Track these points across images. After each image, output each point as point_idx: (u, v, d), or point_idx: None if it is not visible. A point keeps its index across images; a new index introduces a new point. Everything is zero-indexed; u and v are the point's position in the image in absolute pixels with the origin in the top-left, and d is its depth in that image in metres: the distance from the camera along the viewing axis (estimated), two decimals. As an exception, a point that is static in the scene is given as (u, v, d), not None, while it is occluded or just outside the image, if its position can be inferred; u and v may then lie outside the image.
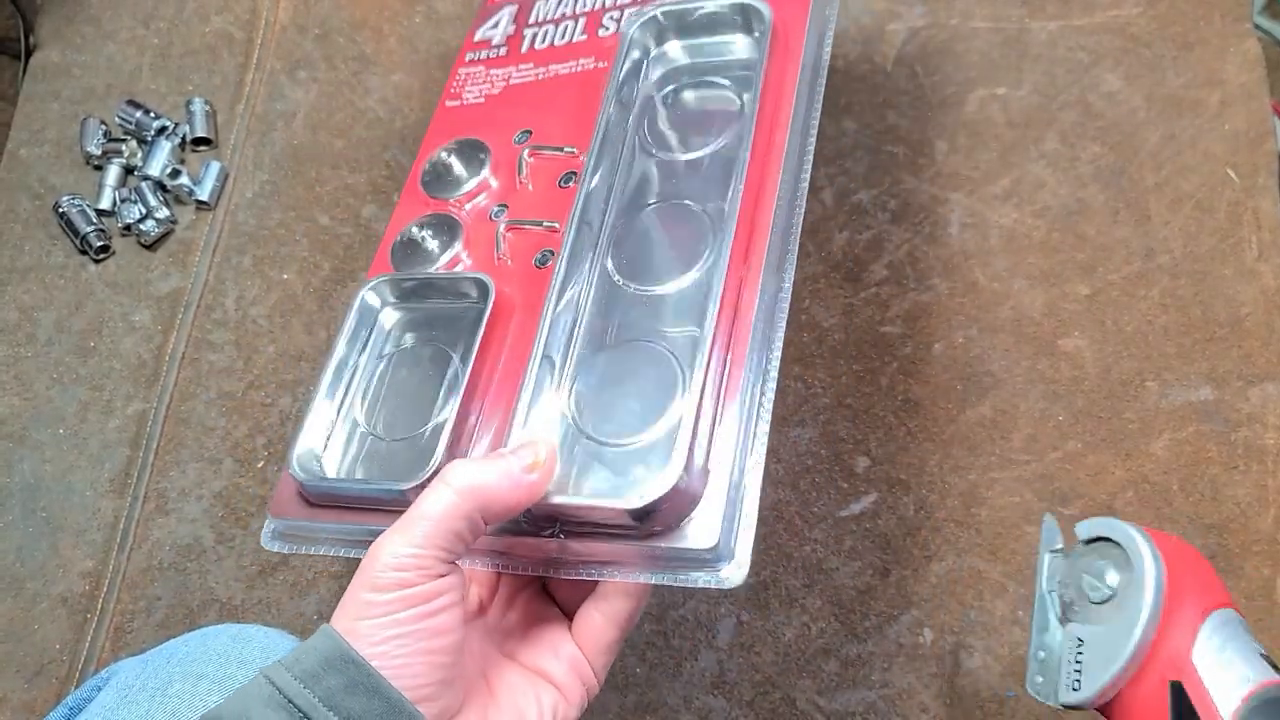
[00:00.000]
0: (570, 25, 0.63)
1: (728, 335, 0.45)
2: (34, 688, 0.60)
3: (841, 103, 0.73)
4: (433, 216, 0.57)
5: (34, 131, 0.77)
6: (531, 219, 0.54)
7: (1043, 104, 0.72)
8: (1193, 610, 0.41)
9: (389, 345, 0.54)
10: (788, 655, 0.58)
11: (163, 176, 0.73)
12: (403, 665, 0.36)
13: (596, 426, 0.46)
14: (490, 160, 0.58)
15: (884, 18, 0.76)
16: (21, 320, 0.71)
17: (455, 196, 0.57)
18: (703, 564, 0.42)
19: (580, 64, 0.60)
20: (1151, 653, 0.40)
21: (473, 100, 0.62)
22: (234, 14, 0.81)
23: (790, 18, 0.55)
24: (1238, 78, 0.71)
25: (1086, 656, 0.43)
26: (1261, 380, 0.62)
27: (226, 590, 0.63)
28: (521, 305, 0.51)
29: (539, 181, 0.56)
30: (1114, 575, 0.43)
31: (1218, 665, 0.40)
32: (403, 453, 0.49)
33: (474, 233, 0.56)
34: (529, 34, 0.64)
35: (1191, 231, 0.67)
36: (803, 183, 0.50)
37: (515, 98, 0.61)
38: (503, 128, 0.59)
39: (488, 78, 0.63)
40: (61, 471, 0.66)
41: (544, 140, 0.57)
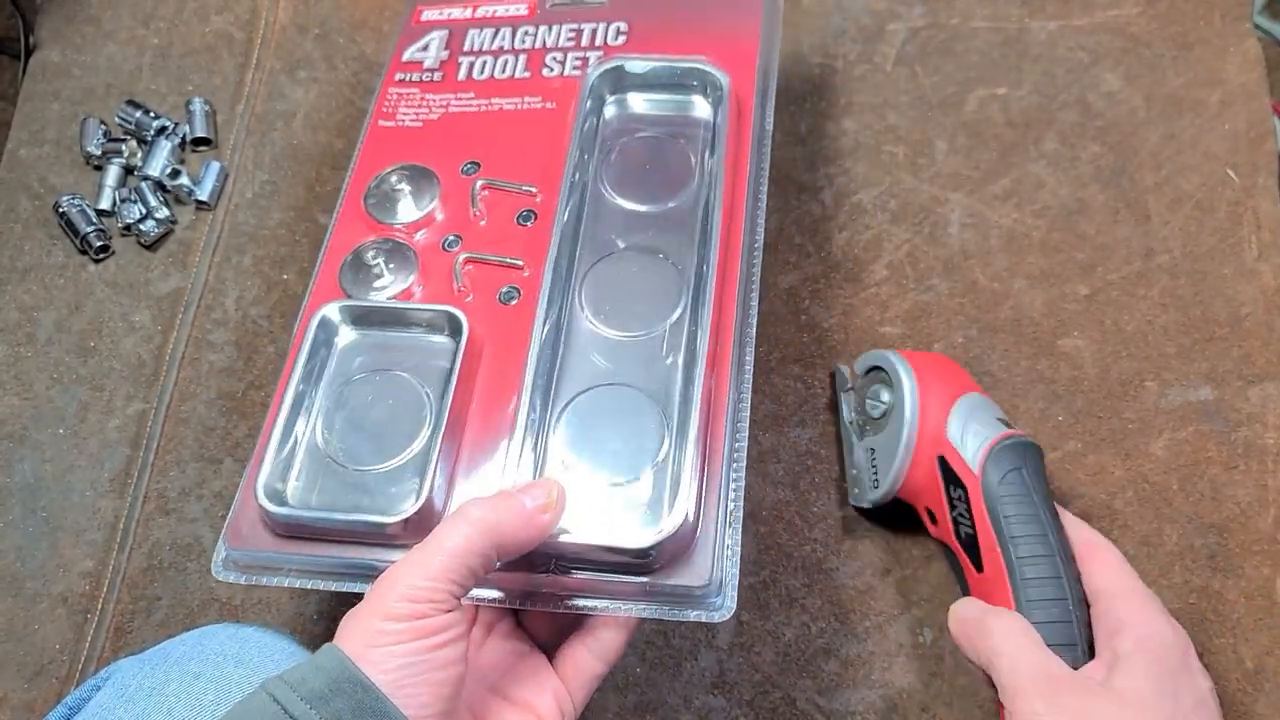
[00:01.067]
0: (510, 61, 0.63)
1: (708, 388, 0.48)
2: (34, 688, 0.60)
3: (841, 103, 0.73)
4: (385, 242, 0.56)
5: (34, 131, 0.77)
6: (492, 254, 0.54)
7: (1042, 104, 0.72)
8: (941, 402, 0.54)
9: (350, 373, 0.52)
10: (788, 655, 0.58)
11: (162, 176, 0.73)
12: (410, 695, 0.37)
13: (585, 469, 0.47)
14: (439, 189, 0.57)
15: (884, 18, 0.76)
16: (21, 320, 0.71)
17: (403, 223, 0.57)
18: (695, 600, 0.45)
19: (526, 101, 0.61)
20: (919, 442, 0.54)
21: (409, 123, 0.62)
22: (234, 14, 0.81)
23: (739, 85, 0.59)
24: (1238, 77, 0.71)
25: (879, 460, 0.57)
26: (1261, 380, 0.62)
27: (226, 590, 0.63)
28: (490, 341, 0.52)
29: (495, 216, 0.56)
30: (886, 394, 0.57)
31: (965, 434, 0.53)
32: (372, 484, 0.49)
33: (428, 263, 0.55)
34: (465, 62, 0.64)
35: (1191, 231, 0.67)
36: (758, 236, 0.54)
37: (457, 126, 0.61)
38: (447, 156, 0.59)
39: (424, 102, 0.63)
40: (61, 471, 0.66)
41: (494, 175, 0.57)
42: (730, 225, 0.53)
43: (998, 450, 0.52)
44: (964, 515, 0.52)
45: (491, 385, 0.50)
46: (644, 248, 0.54)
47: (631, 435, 0.48)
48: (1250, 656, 0.56)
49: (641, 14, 0.63)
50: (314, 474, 0.49)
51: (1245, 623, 0.57)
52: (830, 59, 0.75)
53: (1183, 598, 0.58)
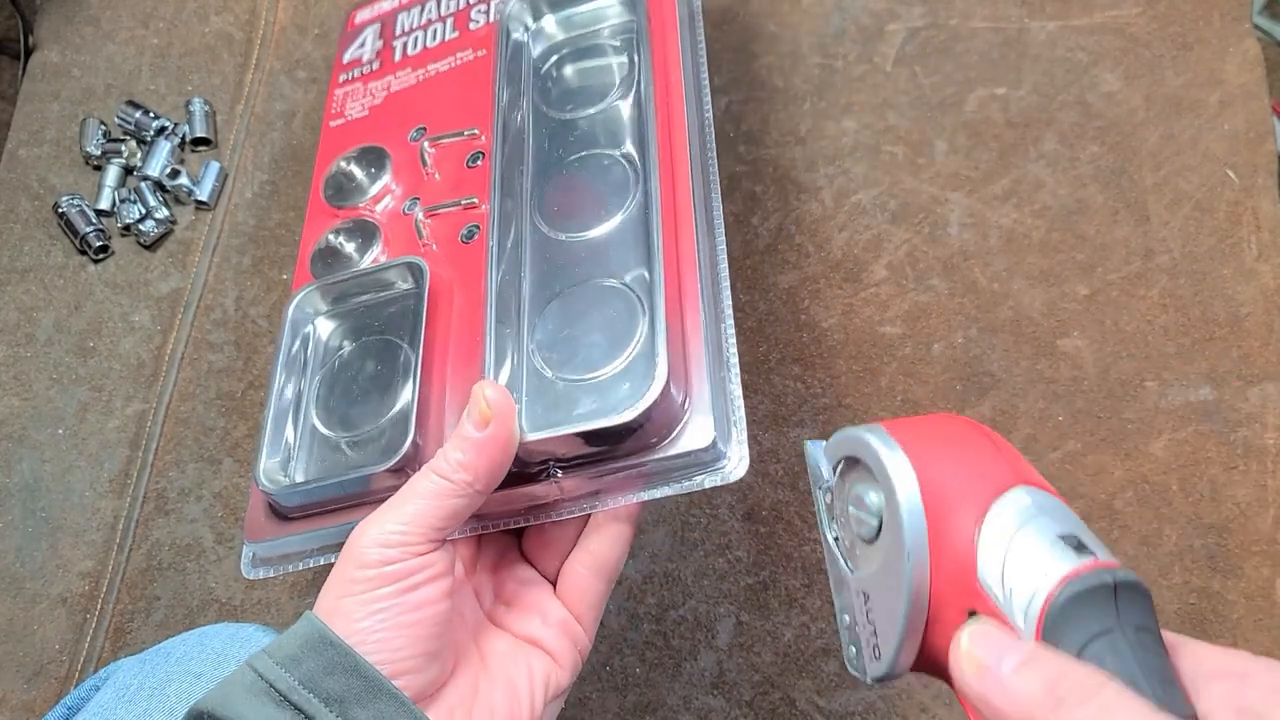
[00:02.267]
0: (439, 27, 0.64)
1: (675, 257, 0.46)
2: (33, 688, 0.60)
3: (841, 103, 0.73)
4: (347, 222, 0.57)
5: (33, 132, 0.77)
6: (448, 201, 0.55)
7: (1042, 104, 0.72)
8: (966, 508, 0.30)
9: (332, 352, 0.53)
10: (787, 655, 0.58)
11: (162, 177, 0.73)
12: (382, 640, 0.37)
13: (568, 368, 0.47)
14: (391, 162, 0.59)
15: (883, 18, 0.76)
16: (21, 320, 0.71)
17: (363, 202, 0.58)
18: (703, 465, 0.43)
19: (459, 57, 0.62)
20: (934, 589, 0.30)
21: (357, 115, 0.63)
22: (233, 14, 0.81)
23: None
24: (1237, 78, 0.70)
25: (876, 615, 0.33)
26: (1261, 380, 0.62)
27: (226, 590, 0.63)
28: (458, 282, 0.52)
29: (445, 168, 0.57)
30: (874, 496, 0.32)
31: (1008, 569, 0.29)
32: (370, 446, 0.49)
33: (392, 230, 0.56)
34: (398, 44, 0.66)
35: (1191, 231, 0.67)
36: (706, 114, 0.53)
37: (400, 101, 0.62)
38: (395, 130, 0.60)
39: (367, 92, 0.64)
40: (61, 472, 0.66)
41: (440, 129, 0.58)
42: (669, 108, 0.52)
43: (1067, 601, 0.28)
44: None
45: (469, 322, 0.50)
46: (588, 153, 0.54)
47: (607, 325, 0.47)
48: (1250, 656, 0.56)
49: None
50: (312, 452, 0.50)
51: (1245, 623, 0.57)
52: (830, 59, 0.75)
53: (1182, 598, 0.58)
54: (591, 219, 0.51)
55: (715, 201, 0.50)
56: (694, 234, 0.47)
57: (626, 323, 0.47)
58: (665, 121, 0.51)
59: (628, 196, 0.51)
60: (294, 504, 0.47)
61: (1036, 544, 0.29)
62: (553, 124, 0.56)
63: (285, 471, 0.49)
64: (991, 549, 0.29)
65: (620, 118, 0.54)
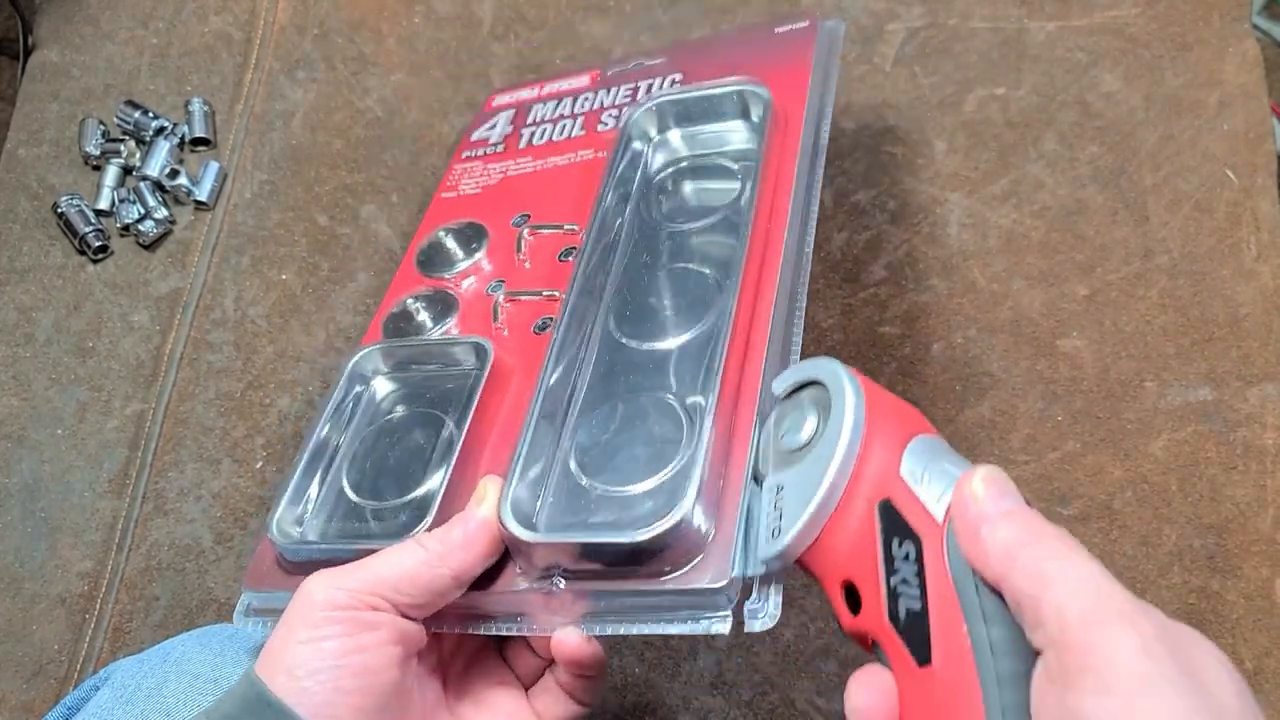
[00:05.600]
0: (569, 123, 0.65)
1: (735, 386, 0.44)
2: (32, 688, 0.60)
3: (840, 103, 0.73)
4: (427, 290, 0.57)
5: (33, 132, 0.77)
6: (530, 290, 0.54)
7: (1041, 104, 0.72)
8: (895, 436, 0.36)
9: (380, 415, 0.52)
10: (786, 656, 0.58)
11: (161, 177, 0.73)
12: (324, 703, 0.36)
13: (601, 475, 0.45)
14: (488, 241, 0.59)
15: (883, 18, 0.76)
16: (20, 320, 0.71)
17: (450, 275, 0.58)
18: (715, 608, 0.40)
19: (579, 155, 0.62)
20: (855, 478, 0.36)
21: (469, 192, 0.64)
22: (233, 14, 0.81)
23: (789, 101, 0.56)
24: (1236, 78, 0.70)
25: (786, 501, 0.38)
26: (1260, 380, 0.62)
27: (225, 590, 0.63)
28: (520, 370, 0.51)
29: (538, 258, 0.57)
30: (812, 421, 0.38)
31: (929, 472, 0.35)
32: (392, 519, 0.48)
33: (470, 307, 0.56)
34: (526, 132, 0.66)
35: (1190, 232, 0.67)
36: (807, 246, 0.51)
37: (513, 186, 0.62)
38: (501, 213, 0.60)
39: (484, 171, 0.65)
40: (60, 472, 0.66)
41: (543, 219, 0.58)
42: (768, 235, 0.50)
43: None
44: (910, 583, 0.34)
45: (520, 412, 0.48)
46: (674, 266, 0.52)
47: (652, 441, 0.45)
48: (1249, 657, 0.56)
49: (696, 64, 0.63)
50: (333, 511, 0.49)
51: (1244, 623, 0.57)
52: (829, 59, 0.75)
53: (1182, 598, 0.58)
54: (662, 331, 0.50)
55: (796, 335, 0.47)
56: (762, 365, 0.45)
57: (671, 442, 0.44)
58: (760, 250, 0.49)
59: (703, 316, 0.49)
60: (300, 560, 0.46)
61: (954, 460, 0.35)
62: (649, 233, 0.55)
63: (300, 524, 0.48)
64: (914, 458, 0.36)
65: (717, 239, 0.53)
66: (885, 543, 0.35)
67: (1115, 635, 0.27)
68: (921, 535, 0.34)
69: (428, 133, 0.77)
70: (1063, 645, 0.28)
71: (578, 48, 0.77)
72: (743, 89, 0.57)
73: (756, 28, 0.65)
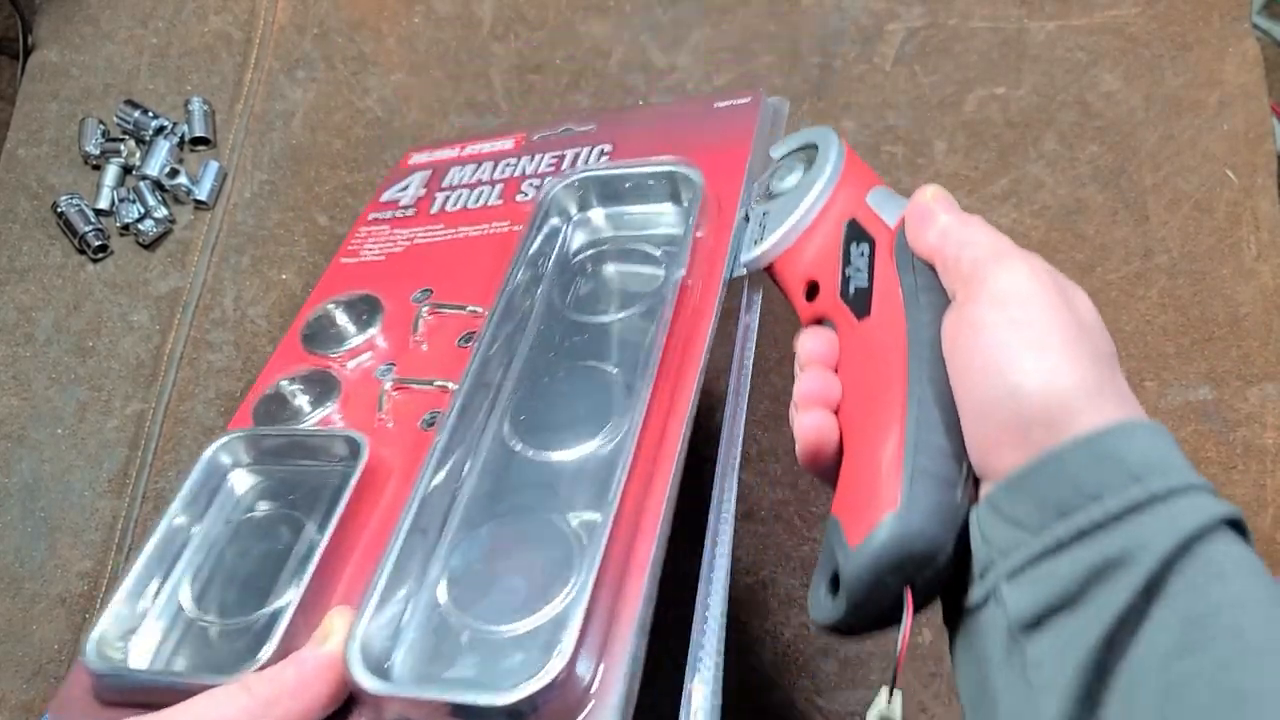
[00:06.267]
0: (487, 190, 0.60)
1: (635, 509, 0.39)
2: (32, 688, 0.60)
3: (840, 103, 0.73)
4: (307, 371, 0.52)
5: (32, 131, 0.77)
6: (422, 378, 0.49)
7: (1041, 104, 0.72)
8: (865, 182, 0.46)
9: (237, 513, 0.46)
10: (786, 655, 0.58)
11: (161, 176, 0.73)
12: None
13: (472, 611, 0.39)
14: (383, 317, 0.53)
15: (883, 18, 0.76)
16: (20, 320, 0.71)
17: (337, 353, 0.52)
18: None
19: (493, 227, 0.57)
20: (828, 205, 0.45)
21: (371, 258, 0.59)
22: (232, 14, 0.81)
23: (724, 185, 0.51)
24: (1236, 78, 0.71)
25: (770, 217, 0.46)
26: (1260, 380, 0.62)
27: (225, 590, 0.63)
28: (401, 471, 0.45)
29: (436, 341, 0.51)
30: (800, 168, 0.47)
31: (887, 203, 0.44)
32: (234, 641, 0.41)
33: (354, 391, 0.50)
34: (440, 197, 0.61)
35: (1190, 231, 0.67)
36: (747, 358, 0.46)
37: (420, 256, 0.57)
38: (402, 285, 0.55)
39: (390, 237, 0.60)
40: (60, 472, 0.66)
41: (446, 298, 0.53)
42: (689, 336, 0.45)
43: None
44: (860, 270, 0.43)
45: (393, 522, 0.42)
46: (584, 364, 0.47)
47: (535, 572, 0.39)
48: (1249, 656, 0.56)
49: (628, 136, 0.58)
50: (169, 628, 0.42)
51: (1244, 623, 0.57)
52: (829, 59, 0.75)
53: (1181, 598, 0.58)
54: (561, 439, 0.43)
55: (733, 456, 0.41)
56: (669, 483, 0.39)
57: (557, 576, 0.38)
58: (678, 352, 0.44)
59: (606, 425, 0.43)
60: (119, 690, 0.39)
61: (900, 200, 0.44)
62: (559, 322, 0.50)
63: (125, 644, 0.41)
64: (878, 195, 0.45)
65: (632, 336, 0.48)
66: (845, 246, 0.44)
67: (1009, 264, 0.36)
68: (875, 236, 0.43)
69: (428, 133, 0.77)
70: (969, 277, 0.37)
71: (578, 48, 0.77)
72: (674, 170, 0.51)
73: (695, 100, 0.61)
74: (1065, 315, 0.35)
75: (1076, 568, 0.30)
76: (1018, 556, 0.32)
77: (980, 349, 0.35)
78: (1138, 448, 0.32)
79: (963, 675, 0.34)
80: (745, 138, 0.53)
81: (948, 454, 0.35)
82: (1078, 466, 0.32)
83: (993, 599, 0.33)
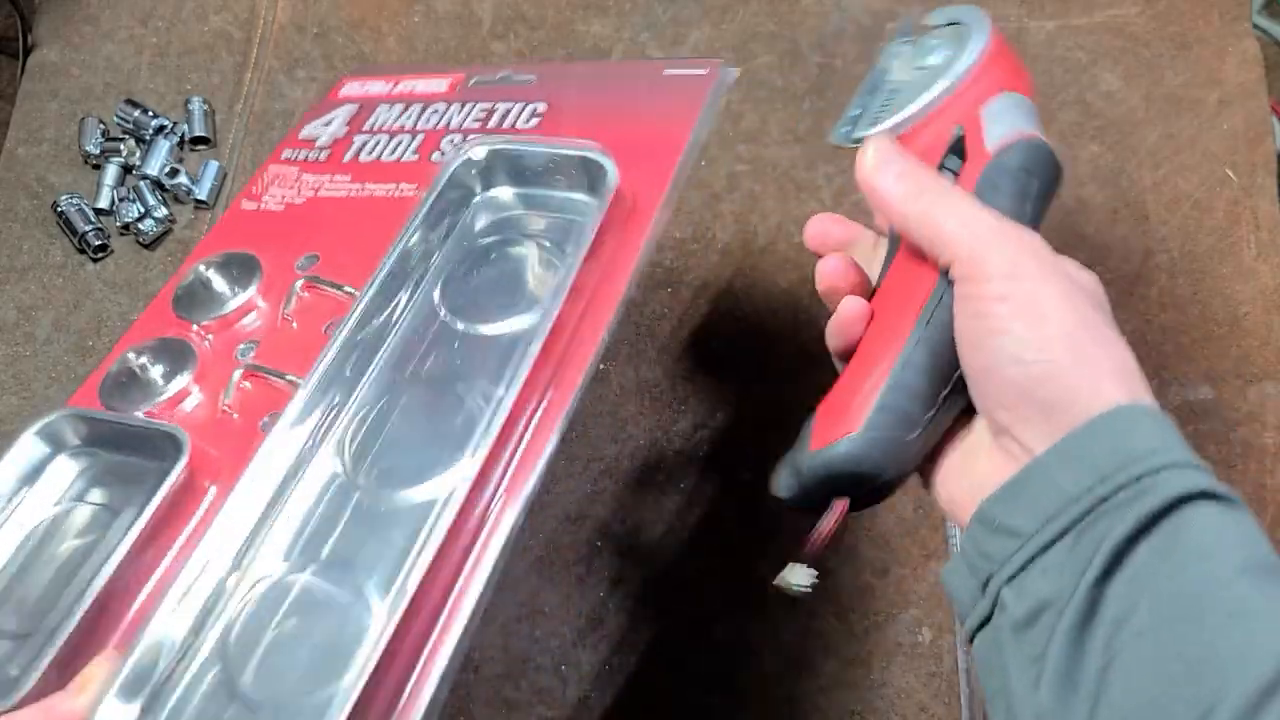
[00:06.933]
0: (406, 140, 0.54)
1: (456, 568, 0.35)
2: (33, 687, 0.60)
3: (841, 102, 0.73)
4: (161, 341, 0.47)
5: (32, 130, 0.77)
6: (277, 369, 0.44)
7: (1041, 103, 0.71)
8: (994, 81, 0.43)
9: (46, 507, 0.42)
10: (787, 655, 0.58)
11: (161, 176, 0.73)
12: None
13: (254, 672, 0.35)
14: (259, 284, 0.48)
15: (884, 17, 0.76)
16: (20, 319, 0.71)
17: (205, 320, 0.48)
18: None
19: (400, 189, 0.52)
20: (951, 98, 0.43)
21: (271, 206, 0.54)
22: (232, 13, 0.81)
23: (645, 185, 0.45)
24: (1236, 77, 0.71)
25: (896, 101, 0.45)
26: (1260, 379, 0.62)
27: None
28: (231, 474, 0.40)
29: (306, 321, 0.46)
30: (948, 49, 0.45)
31: (1001, 116, 0.42)
32: (18, 659, 0.36)
33: (212, 368, 0.46)
34: (358, 141, 0.56)
35: (1190, 231, 0.67)
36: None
37: (316, 213, 0.52)
38: (289, 246, 0.50)
39: (296, 182, 0.55)
40: (60, 471, 0.66)
41: (332, 270, 0.47)
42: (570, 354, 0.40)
43: (1024, 144, 0.42)
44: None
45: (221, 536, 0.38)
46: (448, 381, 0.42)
47: (331, 634, 0.35)
48: (1248, 655, 0.56)
49: (566, 96, 0.53)
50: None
51: (1243, 622, 0.57)
52: (829, 58, 0.75)
53: (1181, 597, 0.58)
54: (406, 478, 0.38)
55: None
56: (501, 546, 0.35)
57: (350, 641, 0.34)
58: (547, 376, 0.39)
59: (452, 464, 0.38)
60: None
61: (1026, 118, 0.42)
62: (428, 328, 0.44)
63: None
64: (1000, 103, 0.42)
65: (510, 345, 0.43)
66: (945, 155, 0.42)
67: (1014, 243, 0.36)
68: (969, 157, 0.41)
69: (428, 132, 0.77)
70: (968, 258, 0.36)
71: (578, 47, 0.77)
72: (586, 156, 0.46)
73: (646, 64, 0.56)
74: (1068, 285, 0.37)
75: (1062, 556, 0.31)
76: (1014, 563, 0.33)
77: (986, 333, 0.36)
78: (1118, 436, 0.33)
79: (990, 695, 0.34)
80: (689, 115, 0.48)
81: (920, 396, 0.38)
82: (1061, 468, 0.33)
83: (997, 608, 0.33)
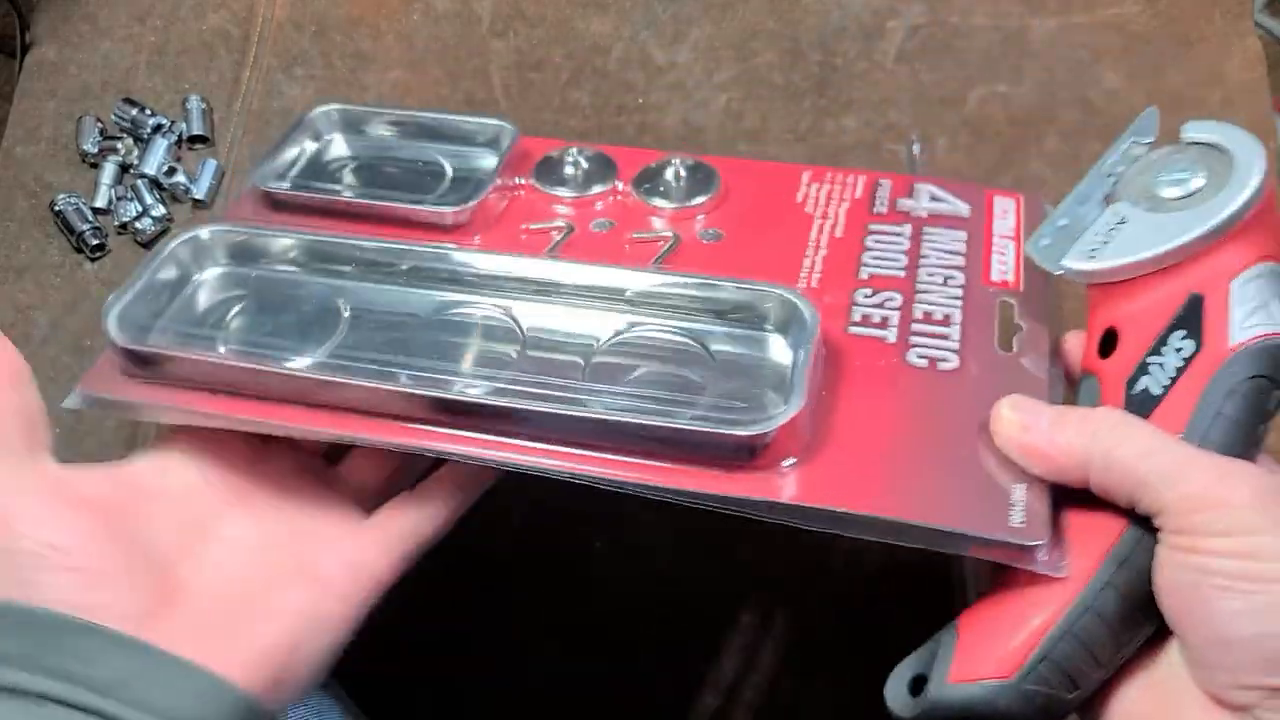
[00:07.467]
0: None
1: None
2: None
3: (841, 100, 0.73)
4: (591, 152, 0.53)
5: (30, 129, 0.77)
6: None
7: (1043, 102, 0.71)
8: (1255, 245, 0.35)
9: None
10: (787, 655, 0.58)
11: (159, 174, 0.73)
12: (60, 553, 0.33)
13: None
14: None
15: (884, 15, 0.76)
16: (17, 319, 0.71)
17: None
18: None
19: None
20: (1196, 258, 0.35)
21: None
22: (230, 11, 0.81)
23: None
24: (1239, 76, 0.70)
25: (1122, 234, 0.38)
26: (1263, 379, 0.62)
27: (224, 591, 0.62)
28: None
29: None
30: (1201, 179, 0.37)
31: (1256, 298, 0.35)
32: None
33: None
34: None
35: (1192, 230, 0.67)
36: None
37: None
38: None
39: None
40: (58, 471, 0.66)
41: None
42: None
43: (1276, 346, 0.34)
44: (1164, 370, 0.35)
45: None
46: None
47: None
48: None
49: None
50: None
51: (1246, 623, 0.57)
52: (830, 56, 0.75)
53: (1184, 598, 0.58)
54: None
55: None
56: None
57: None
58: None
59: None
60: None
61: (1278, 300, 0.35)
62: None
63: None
64: (1258, 277, 0.35)
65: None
66: (1171, 327, 0.36)
67: (1231, 483, 0.31)
68: (1206, 343, 0.35)
69: (427, 130, 0.76)
70: (1176, 508, 0.31)
71: (577, 45, 0.77)
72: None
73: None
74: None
75: None
76: None
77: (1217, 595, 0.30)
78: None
79: None
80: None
81: (1094, 653, 0.33)
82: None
83: None
